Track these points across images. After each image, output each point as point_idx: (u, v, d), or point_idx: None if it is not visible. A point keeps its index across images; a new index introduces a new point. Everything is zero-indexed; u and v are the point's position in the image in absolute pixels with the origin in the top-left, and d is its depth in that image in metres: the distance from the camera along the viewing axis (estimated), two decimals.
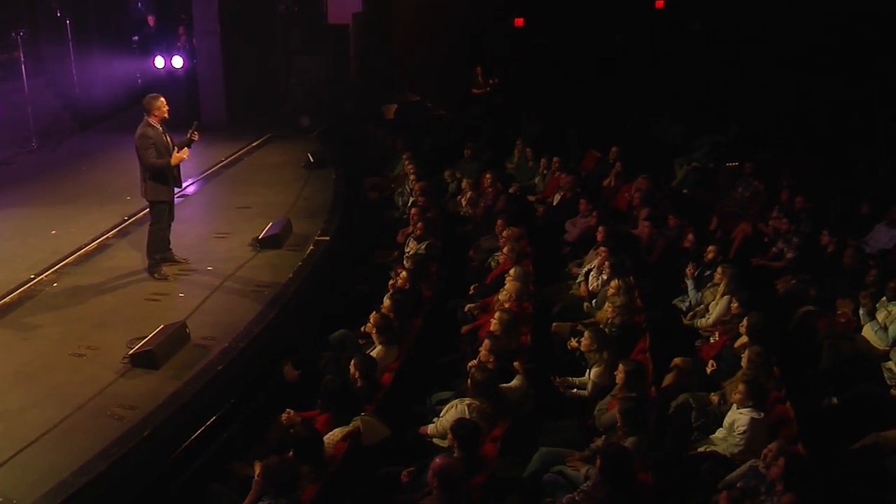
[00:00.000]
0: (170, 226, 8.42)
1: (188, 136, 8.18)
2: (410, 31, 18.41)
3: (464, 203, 11.48)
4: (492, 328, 7.10)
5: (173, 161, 8.00)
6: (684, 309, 8.48)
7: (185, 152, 8.09)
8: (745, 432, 5.94)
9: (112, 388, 6.37)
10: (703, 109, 14.82)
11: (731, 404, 6.19)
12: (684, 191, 12.80)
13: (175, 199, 8.51)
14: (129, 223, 9.84)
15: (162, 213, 8.18)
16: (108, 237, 9.37)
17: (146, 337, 6.82)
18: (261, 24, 14.79)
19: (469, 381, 6.17)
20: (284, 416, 6.25)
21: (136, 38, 16.88)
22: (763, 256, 9.84)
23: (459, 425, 5.61)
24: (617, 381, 6.34)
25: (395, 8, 18.60)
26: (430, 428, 6.22)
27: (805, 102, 13.95)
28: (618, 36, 17.53)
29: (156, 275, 8.27)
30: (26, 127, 12.77)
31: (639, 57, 17.44)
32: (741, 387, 6.01)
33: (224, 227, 9.77)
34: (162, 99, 8.00)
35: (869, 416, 6.68)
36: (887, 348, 7.38)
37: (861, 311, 7.77)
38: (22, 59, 12.71)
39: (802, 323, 8.27)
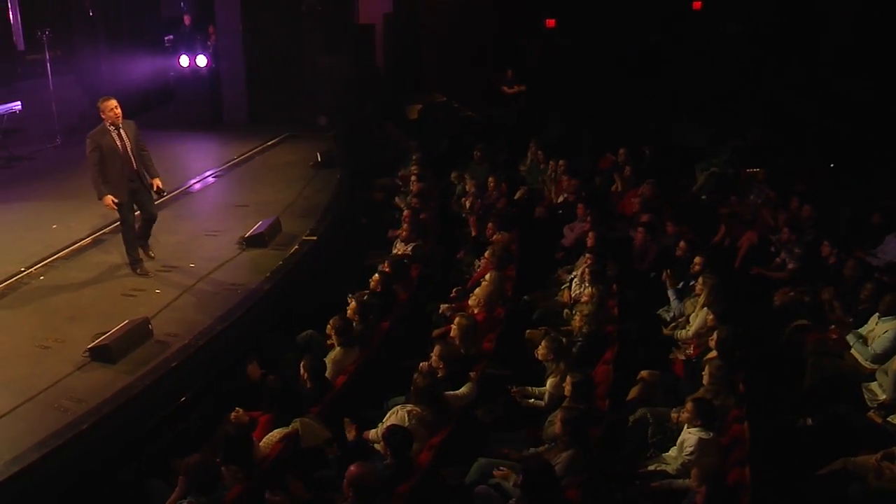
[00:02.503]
0: (149, 224, 8.51)
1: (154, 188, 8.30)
2: (440, 31, 18.34)
3: (467, 205, 11.37)
4: (451, 333, 6.99)
5: (104, 203, 8.01)
6: (668, 319, 8.21)
7: (108, 202, 8.01)
8: (692, 452, 5.71)
9: (67, 380, 6.45)
10: (729, 113, 14.39)
11: None
12: (703, 196, 12.46)
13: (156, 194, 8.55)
14: None
15: (121, 212, 8.19)
16: (104, 232, 9.50)
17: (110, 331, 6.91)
18: (285, 24, 14.88)
19: (412, 386, 6.08)
20: (233, 414, 6.27)
21: (170, 37, 17.24)
22: (766, 266, 9.48)
23: (391, 432, 5.54)
24: (565, 393, 6.16)
25: (424, 9, 18.56)
26: (372, 433, 6.14)
27: (834, 106, 13.42)
28: (650, 37, 17.15)
29: (137, 270, 8.37)
30: (51, 124, 13.12)
31: (671, 59, 17.05)
32: (689, 405, 5.79)
33: (216, 225, 9.85)
34: (112, 101, 8.02)
35: (841, 439, 6.38)
36: (871, 366, 7.01)
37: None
38: (48, 57, 13.03)
39: (793, 338, 7.94)
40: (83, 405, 6.09)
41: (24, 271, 8.44)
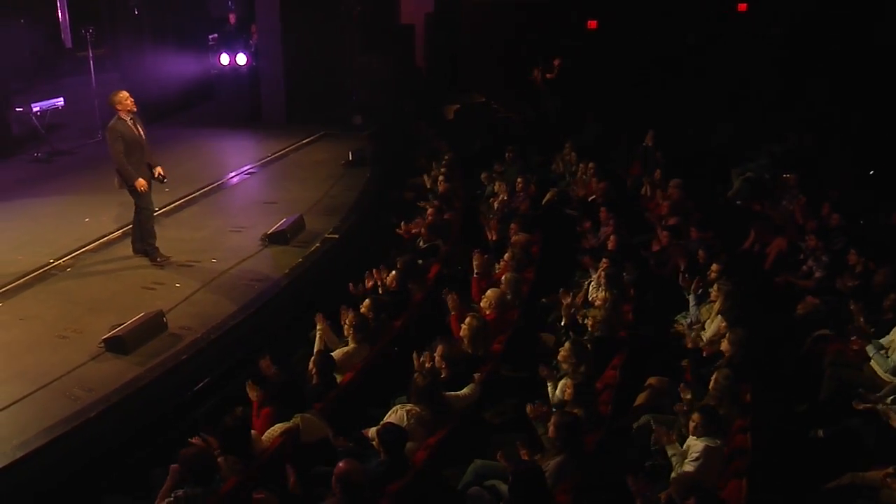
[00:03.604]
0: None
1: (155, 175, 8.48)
2: (481, 32, 18.33)
3: (495, 206, 11.34)
4: (460, 333, 6.99)
5: (138, 186, 8.28)
6: (686, 325, 8.08)
7: (142, 183, 8.31)
8: (697, 459, 5.61)
9: (81, 370, 6.66)
10: (769, 117, 14.10)
11: None
12: (738, 202, 12.25)
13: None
14: (158, 213, 10.16)
15: (142, 199, 8.43)
16: (130, 226, 9.70)
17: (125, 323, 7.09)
18: (323, 23, 15.04)
19: (412, 386, 6.09)
20: (239, 409, 6.36)
21: (214, 36, 17.59)
22: (793, 274, 9.26)
23: (385, 430, 5.57)
24: (565, 397, 6.11)
25: (465, 9, 18.57)
26: (371, 431, 6.15)
27: (877, 112, 13.04)
28: (689, 39, 16.89)
29: (158, 259, 8.57)
30: (93, 120, 13.46)
31: (713, 61, 16.77)
32: (696, 415, 5.66)
33: (243, 222, 10.01)
34: (124, 92, 8.27)
35: (851, 453, 6.21)
36: (890, 378, 6.80)
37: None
38: (91, 55, 13.38)
39: (813, 348, 7.75)
40: (93, 394, 6.26)
41: (52, 262, 8.70)
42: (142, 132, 8.39)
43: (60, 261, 8.77)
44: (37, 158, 12.50)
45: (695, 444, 5.69)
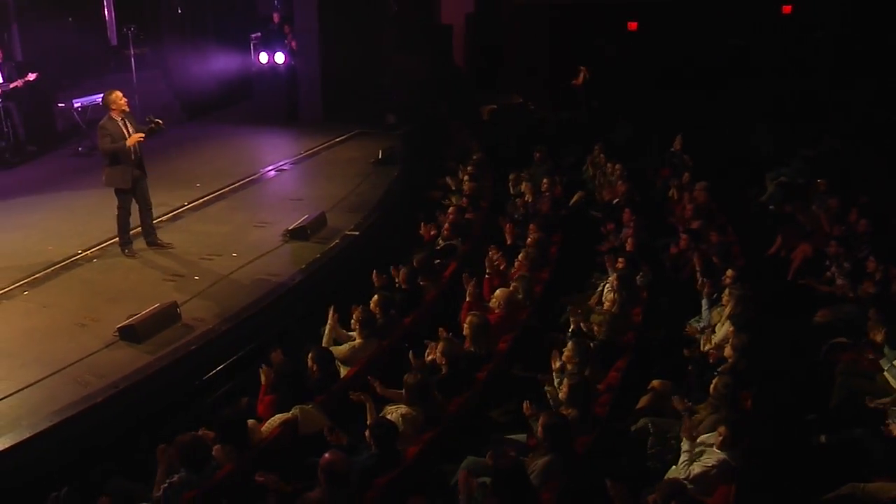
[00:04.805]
0: (149, 210, 8.98)
1: (148, 125, 8.70)
2: (520, 32, 18.31)
3: (520, 207, 11.32)
4: (463, 331, 7.03)
5: (129, 142, 8.53)
6: (699, 329, 7.99)
7: (138, 136, 8.59)
8: (712, 468, 5.45)
9: (94, 356, 6.89)
10: (809, 121, 13.82)
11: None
12: (770, 206, 12.04)
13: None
14: (186, 208, 10.48)
15: (124, 199, 8.74)
16: (160, 220, 9.97)
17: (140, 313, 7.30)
18: (361, 23, 15.20)
19: (404, 387, 6.12)
20: (244, 399, 6.52)
21: (257, 35, 17.88)
22: (817, 280, 9.08)
23: (376, 424, 5.65)
24: (560, 397, 6.10)
25: (505, 10, 18.57)
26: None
27: None
28: (731, 41, 16.63)
29: (126, 251, 8.90)
30: (133, 115, 13.77)
31: (756, 64, 16.50)
32: (722, 429, 5.51)
33: (268, 217, 10.19)
34: (117, 93, 8.56)
35: (854, 464, 6.07)
36: None
37: (886, 349, 7.02)
38: (132, 52, 13.75)
39: (828, 356, 7.61)
40: (103, 380, 6.46)
41: (80, 253, 8.99)
42: (131, 132, 8.62)
43: (88, 252, 9.05)
44: (78, 153, 12.89)
45: (713, 454, 5.52)
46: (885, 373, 6.88)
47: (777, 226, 10.85)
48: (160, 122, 8.77)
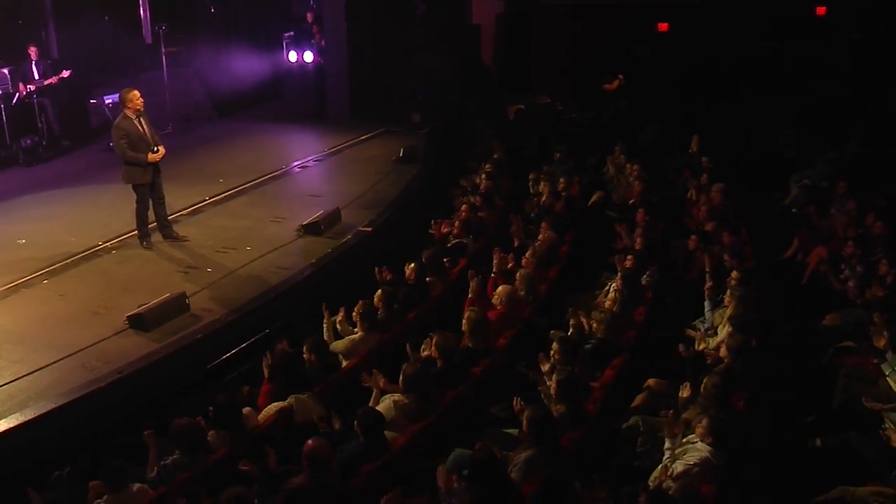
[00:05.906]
0: (162, 203, 9.20)
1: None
2: (551, 33, 18.30)
3: (536, 206, 11.36)
4: (462, 327, 7.11)
5: (150, 159, 8.84)
6: (702, 330, 7.96)
7: (160, 153, 8.92)
8: (693, 466, 5.44)
9: (103, 343, 7.13)
10: (838, 123, 13.62)
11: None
12: (793, 209, 11.93)
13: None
14: (206, 203, 10.72)
15: (142, 194, 8.97)
16: (180, 214, 10.23)
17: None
18: (388, 22, 15.34)
19: (400, 375, 6.23)
20: (246, 388, 6.70)
21: (290, 34, 18.15)
22: (829, 282, 8.98)
23: (363, 413, 5.76)
24: (551, 392, 6.15)
25: (536, 10, 18.57)
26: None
27: None
28: (764, 42, 16.43)
29: (144, 243, 9.14)
30: (164, 112, 14.14)
31: (789, 66, 16.28)
32: (705, 420, 5.53)
33: (285, 213, 10.37)
34: (135, 92, 8.75)
35: (847, 468, 6.02)
36: None
37: (888, 354, 6.95)
38: (164, 50, 14.08)
39: (833, 359, 7.54)
40: (109, 366, 6.68)
41: (100, 245, 9.27)
42: (146, 129, 8.86)
43: (108, 243, 9.33)
44: (109, 148, 13.19)
45: (696, 452, 5.48)
46: (887, 377, 6.81)
47: (797, 228, 10.76)
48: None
